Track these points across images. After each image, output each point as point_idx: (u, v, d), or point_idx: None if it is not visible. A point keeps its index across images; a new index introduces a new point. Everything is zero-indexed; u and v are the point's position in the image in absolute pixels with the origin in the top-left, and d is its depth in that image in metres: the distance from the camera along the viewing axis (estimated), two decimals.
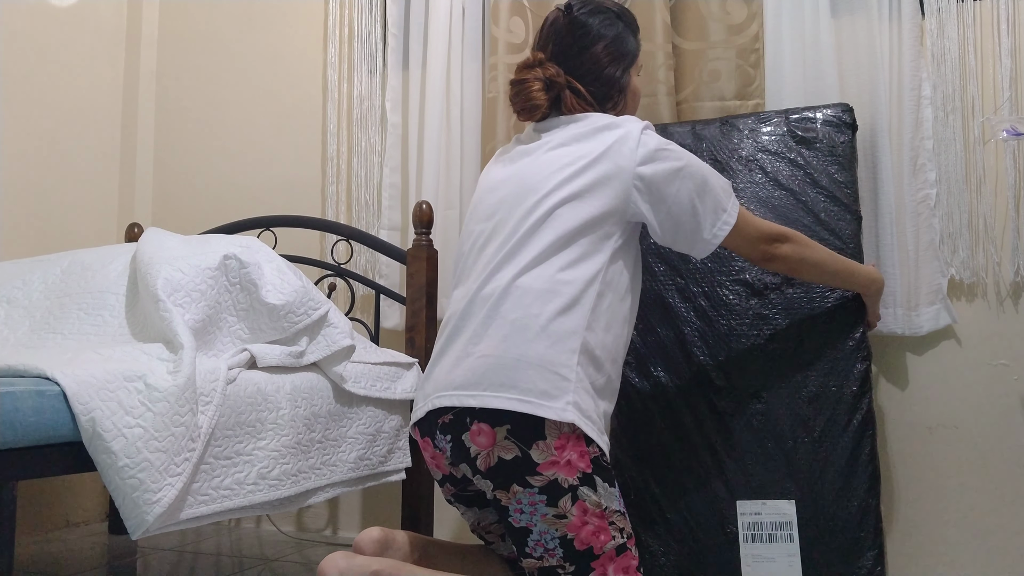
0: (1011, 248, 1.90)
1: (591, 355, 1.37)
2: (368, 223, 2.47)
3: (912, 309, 1.93)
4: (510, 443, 1.30)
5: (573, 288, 1.38)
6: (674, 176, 1.45)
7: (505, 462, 1.31)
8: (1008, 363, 1.91)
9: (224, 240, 1.86)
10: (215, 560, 2.18)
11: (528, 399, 1.30)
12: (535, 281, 1.38)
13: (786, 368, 1.74)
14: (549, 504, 1.29)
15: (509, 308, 1.37)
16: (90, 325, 1.73)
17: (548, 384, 1.31)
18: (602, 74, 1.60)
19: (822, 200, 1.83)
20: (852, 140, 1.87)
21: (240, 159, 2.75)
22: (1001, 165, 1.92)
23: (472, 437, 1.33)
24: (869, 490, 1.66)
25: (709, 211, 1.48)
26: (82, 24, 2.70)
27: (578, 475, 1.30)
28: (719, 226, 1.48)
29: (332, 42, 2.58)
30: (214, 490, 1.49)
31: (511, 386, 1.31)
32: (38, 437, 1.27)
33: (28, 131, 2.52)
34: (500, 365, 1.33)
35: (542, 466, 1.29)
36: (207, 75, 2.83)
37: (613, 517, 1.32)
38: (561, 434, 1.30)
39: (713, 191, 1.48)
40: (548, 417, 1.29)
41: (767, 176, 1.88)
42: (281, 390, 1.68)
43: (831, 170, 1.84)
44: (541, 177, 1.48)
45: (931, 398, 1.96)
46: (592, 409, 1.35)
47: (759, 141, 1.91)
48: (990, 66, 1.94)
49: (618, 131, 1.49)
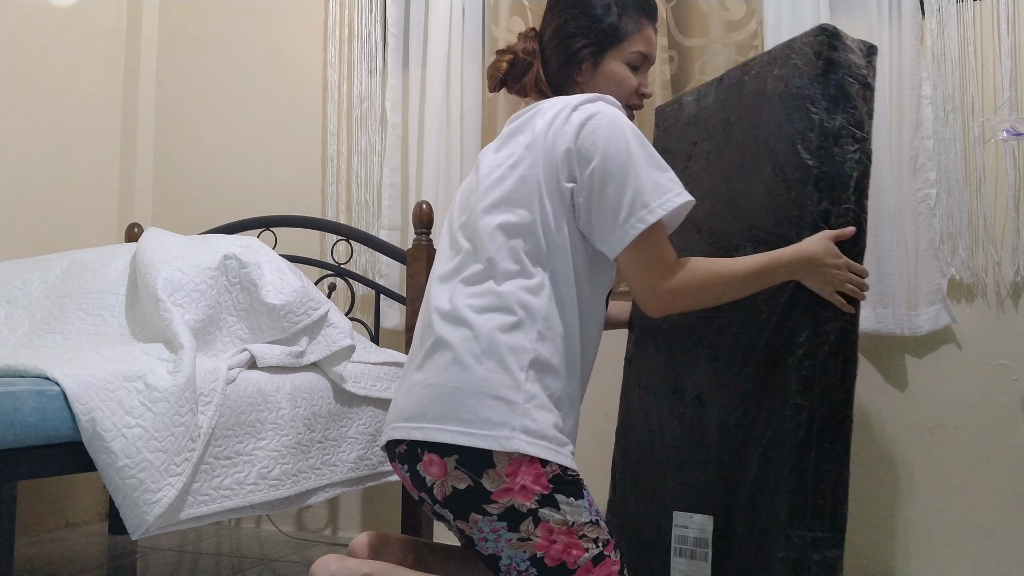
0: (1011, 248, 1.90)
1: (546, 367, 1.29)
2: (368, 223, 2.47)
3: (912, 309, 1.93)
4: (461, 472, 1.25)
5: (518, 300, 1.29)
6: (596, 154, 1.30)
7: (459, 491, 1.25)
8: (1008, 363, 1.91)
9: (224, 240, 1.86)
10: (215, 560, 2.18)
11: (470, 430, 1.23)
12: (476, 299, 1.31)
13: (723, 371, 1.53)
14: (511, 530, 1.24)
15: (450, 331, 1.30)
16: (90, 325, 1.73)
17: (491, 411, 1.24)
18: (564, 52, 1.46)
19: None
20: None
21: (240, 159, 2.75)
22: (1001, 165, 1.92)
23: (425, 467, 1.28)
24: (791, 520, 1.33)
25: (627, 202, 1.29)
26: (82, 24, 2.70)
27: (536, 498, 1.23)
28: (632, 222, 1.28)
29: (332, 42, 2.58)
30: (214, 490, 1.49)
31: (453, 417, 1.25)
32: (38, 437, 1.27)
33: (28, 131, 2.52)
34: (441, 395, 1.27)
35: (496, 494, 1.23)
36: (207, 75, 2.83)
37: (583, 530, 1.26)
38: (511, 460, 1.23)
39: (640, 180, 1.29)
40: (491, 448, 1.22)
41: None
42: (281, 390, 1.68)
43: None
44: (480, 185, 1.40)
45: (931, 398, 1.96)
46: (548, 425, 1.26)
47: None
48: (990, 66, 1.94)
49: (549, 113, 1.36)
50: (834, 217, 1.40)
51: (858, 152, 1.43)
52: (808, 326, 1.38)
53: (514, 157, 1.37)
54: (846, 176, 1.41)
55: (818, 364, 1.37)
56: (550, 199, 1.32)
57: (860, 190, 1.43)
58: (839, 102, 1.43)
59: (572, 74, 1.46)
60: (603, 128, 1.31)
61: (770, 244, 1.45)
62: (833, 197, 1.40)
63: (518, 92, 1.51)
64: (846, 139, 1.42)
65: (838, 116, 1.43)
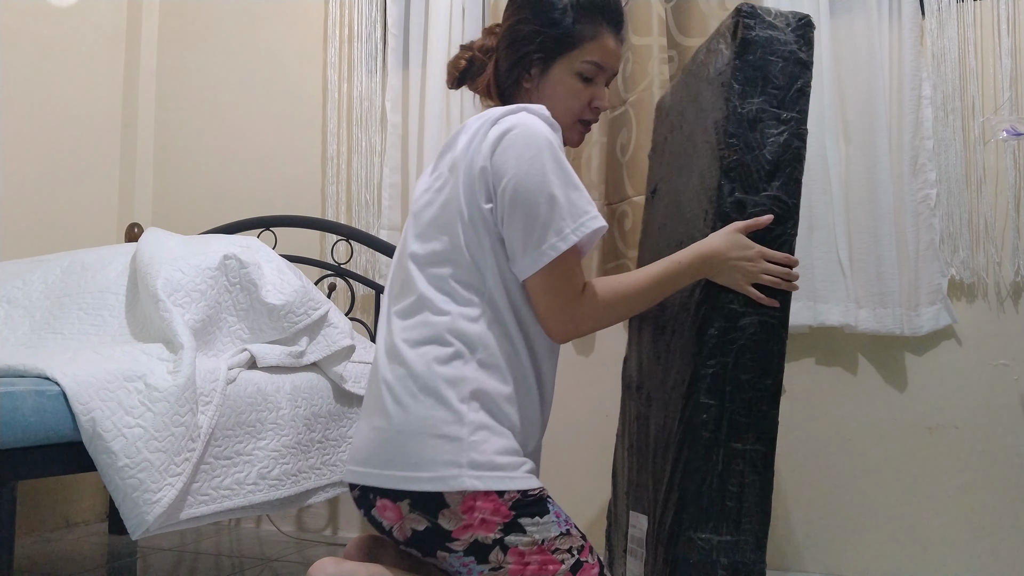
0: (1011, 248, 1.90)
1: (492, 394, 1.23)
2: (368, 223, 2.47)
3: (912, 309, 1.93)
4: (417, 515, 1.21)
5: (452, 330, 1.24)
6: (508, 172, 1.23)
7: (420, 532, 1.22)
8: (1008, 363, 1.91)
9: (224, 240, 1.86)
10: (215, 560, 2.18)
11: (416, 474, 1.19)
12: (411, 332, 1.26)
13: (662, 369, 1.48)
14: (480, 562, 1.20)
15: (388, 369, 1.26)
16: (90, 325, 1.73)
17: (434, 451, 1.19)
18: (512, 55, 1.37)
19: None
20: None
21: (240, 159, 2.75)
22: (1001, 165, 1.92)
23: (380, 512, 1.25)
24: (694, 523, 1.28)
25: (539, 225, 1.21)
26: (82, 24, 2.70)
27: (499, 528, 1.19)
28: (544, 248, 1.21)
29: (332, 42, 2.57)
30: (214, 490, 1.49)
31: (399, 462, 1.21)
32: (38, 437, 1.28)
33: (28, 131, 2.52)
34: (386, 439, 1.23)
35: (456, 532, 1.19)
36: (207, 75, 2.83)
37: (556, 544, 1.22)
38: (465, 497, 1.18)
39: (554, 202, 1.22)
40: (439, 490, 1.18)
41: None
42: (281, 390, 1.68)
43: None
44: (411, 211, 1.36)
45: (931, 398, 1.96)
46: (499, 452, 1.21)
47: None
48: (990, 66, 1.94)
49: (471, 129, 1.29)
50: (750, 207, 1.32)
51: (784, 133, 1.35)
52: (718, 320, 1.31)
53: (440, 179, 1.31)
54: (765, 162, 1.33)
55: (728, 360, 1.29)
56: (472, 222, 1.25)
57: (788, 174, 1.35)
58: (756, 84, 1.35)
59: (520, 79, 1.38)
60: (518, 143, 1.23)
61: (697, 240, 1.39)
62: (748, 186, 1.33)
63: (475, 91, 1.46)
64: (767, 122, 1.35)
65: (755, 99, 1.35)
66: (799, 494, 2.03)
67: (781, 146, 1.34)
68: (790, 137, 1.35)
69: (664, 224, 1.61)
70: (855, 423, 2.00)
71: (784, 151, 1.34)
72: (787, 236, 1.34)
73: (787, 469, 2.03)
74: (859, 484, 1.99)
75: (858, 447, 2.00)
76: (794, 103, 1.36)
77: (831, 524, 2.00)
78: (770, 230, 1.32)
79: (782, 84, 1.36)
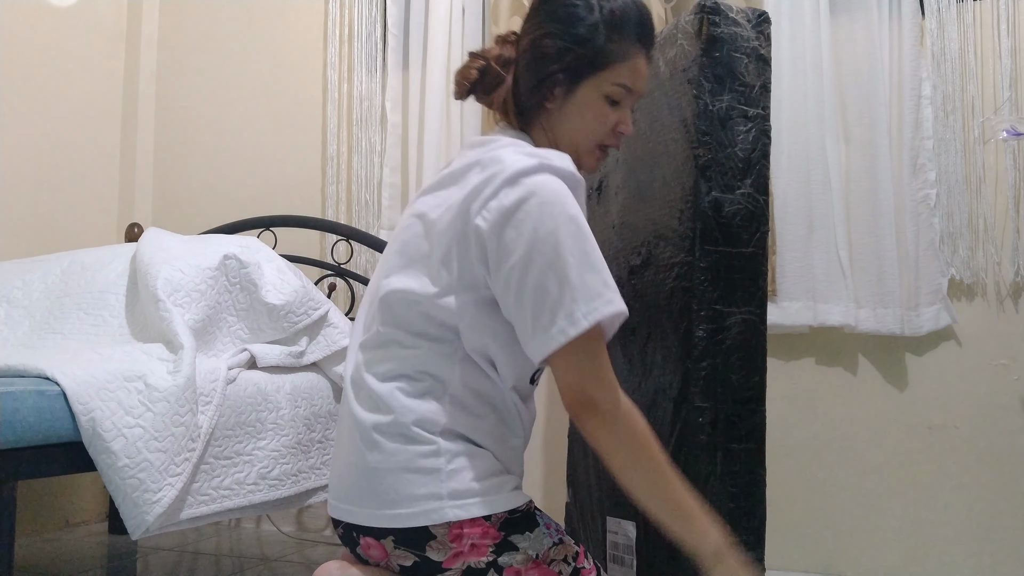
0: (1011, 248, 1.90)
1: (467, 423, 1.18)
2: (368, 223, 2.47)
3: (912, 309, 1.93)
4: (402, 551, 1.17)
5: (422, 366, 1.18)
6: (520, 248, 1.12)
7: (407, 568, 1.18)
8: (1008, 363, 1.91)
9: (224, 240, 1.86)
10: (215, 560, 2.18)
11: (396, 511, 1.14)
12: (379, 367, 1.20)
13: (639, 374, 1.46)
14: None
15: (356, 405, 1.20)
16: (90, 325, 1.73)
17: (412, 486, 1.14)
18: (536, 73, 1.25)
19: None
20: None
21: (240, 159, 2.75)
22: (1001, 165, 1.92)
23: (365, 551, 1.21)
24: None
25: (549, 306, 1.10)
26: (82, 24, 2.70)
27: (490, 550, 1.15)
28: (553, 332, 1.10)
29: (332, 42, 2.57)
30: (214, 490, 1.49)
31: (377, 499, 1.16)
32: (38, 437, 1.28)
33: (28, 131, 2.52)
34: (360, 475, 1.18)
35: (447, 562, 1.16)
36: (207, 75, 2.83)
37: (550, 555, 1.18)
38: (451, 526, 1.14)
39: (567, 283, 1.10)
40: (422, 525, 1.14)
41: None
42: (281, 390, 1.68)
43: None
44: (398, 236, 1.26)
45: (931, 398, 1.96)
46: (481, 475, 1.16)
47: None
48: (990, 66, 1.94)
49: (484, 174, 1.17)
50: (727, 205, 1.31)
51: (752, 131, 1.34)
52: (704, 321, 1.30)
53: (438, 211, 1.20)
54: (737, 160, 1.32)
55: (719, 362, 1.29)
56: (460, 278, 1.16)
57: (758, 171, 1.34)
58: (725, 81, 1.33)
59: (542, 99, 1.26)
60: (532, 217, 1.11)
61: (669, 240, 1.38)
62: (724, 185, 1.32)
63: (487, 104, 1.33)
64: (736, 119, 1.33)
65: (724, 96, 1.33)
66: (799, 494, 2.03)
67: (751, 143, 1.34)
68: (758, 134, 1.34)
69: (623, 223, 1.57)
70: (855, 423, 2.00)
71: (753, 148, 1.34)
72: (763, 233, 1.33)
73: (787, 469, 2.03)
74: (859, 484, 1.99)
75: (858, 447, 2.00)
76: (759, 99, 1.36)
77: (831, 524, 2.00)
78: (747, 229, 1.32)
79: (747, 81, 1.35)
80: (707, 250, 1.32)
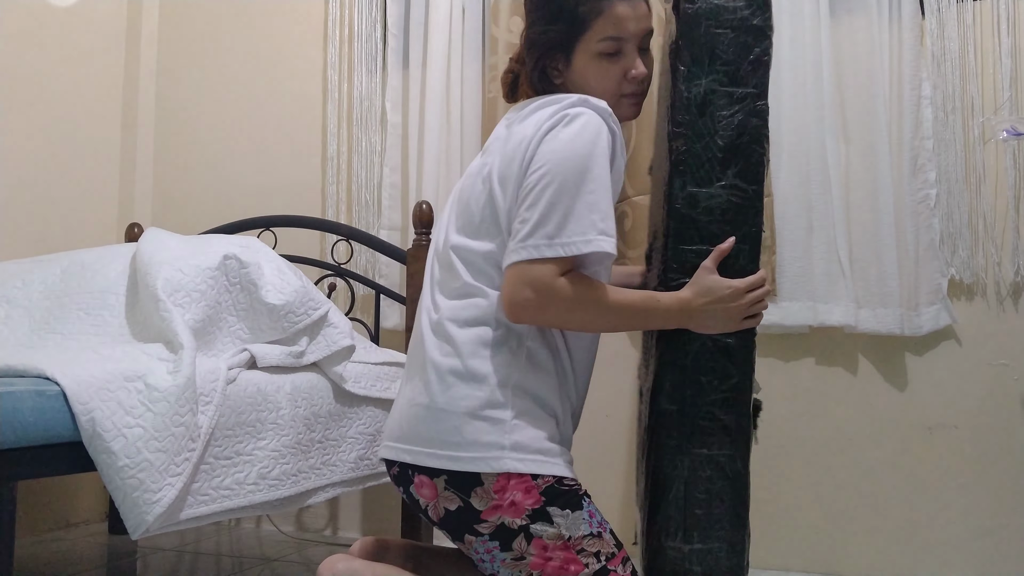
0: (1011, 248, 1.90)
1: (534, 380, 1.24)
2: (368, 223, 2.47)
3: (912, 309, 1.93)
4: (451, 493, 1.22)
5: (500, 315, 1.23)
6: (544, 163, 1.21)
7: (451, 512, 1.23)
8: (1008, 363, 1.91)
9: (224, 240, 1.86)
10: (215, 560, 2.18)
11: (458, 454, 1.20)
12: (460, 312, 1.26)
13: (650, 371, 1.41)
14: (504, 549, 1.21)
15: (434, 348, 1.26)
16: (90, 325, 1.73)
17: (477, 432, 1.20)
18: (532, 61, 1.36)
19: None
20: None
21: (240, 159, 2.75)
22: (1001, 165, 1.92)
23: (417, 489, 1.26)
24: (664, 532, 1.23)
25: (533, 221, 1.19)
26: (82, 23, 2.70)
27: (527, 513, 1.19)
28: (526, 245, 1.19)
29: (332, 42, 2.57)
30: (214, 490, 1.49)
31: (440, 440, 1.21)
32: (38, 437, 1.27)
33: (28, 131, 2.52)
34: (427, 417, 1.23)
35: (485, 512, 1.20)
36: (207, 74, 2.83)
37: (583, 544, 1.20)
38: (499, 476, 1.19)
39: (558, 206, 1.18)
40: (481, 471, 1.19)
41: None
42: (281, 390, 1.68)
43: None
44: (458, 197, 1.36)
45: (931, 398, 1.96)
46: (541, 439, 1.22)
47: None
48: (990, 66, 1.94)
49: (527, 122, 1.26)
50: (704, 200, 1.23)
51: (739, 114, 1.22)
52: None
53: (487, 168, 1.30)
54: (716, 149, 1.22)
55: (687, 363, 1.24)
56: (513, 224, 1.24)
57: (746, 158, 1.22)
58: (702, 62, 1.22)
59: (550, 77, 1.35)
60: (569, 133, 1.21)
61: (659, 237, 1.33)
62: (700, 178, 1.23)
63: (523, 99, 1.43)
64: (718, 103, 1.22)
65: (703, 80, 1.22)
66: (799, 494, 2.03)
67: (736, 128, 1.22)
68: (746, 117, 1.23)
69: (650, 209, 1.55)
70: (855, 423, 2.00)
71: (740, 134, 1.22)
72: (756, 231, 1.23)
73: (787, 469, 2.03)
74: (859, 484, 1.99)
75: (858, 447, 2.00)
76: (749, 77, 1.23)
77: (831, 524, 2.00)
78: (732, 223, 1.23)
79: (731, 58, 1.23)
80: (681, 250, 1.25)
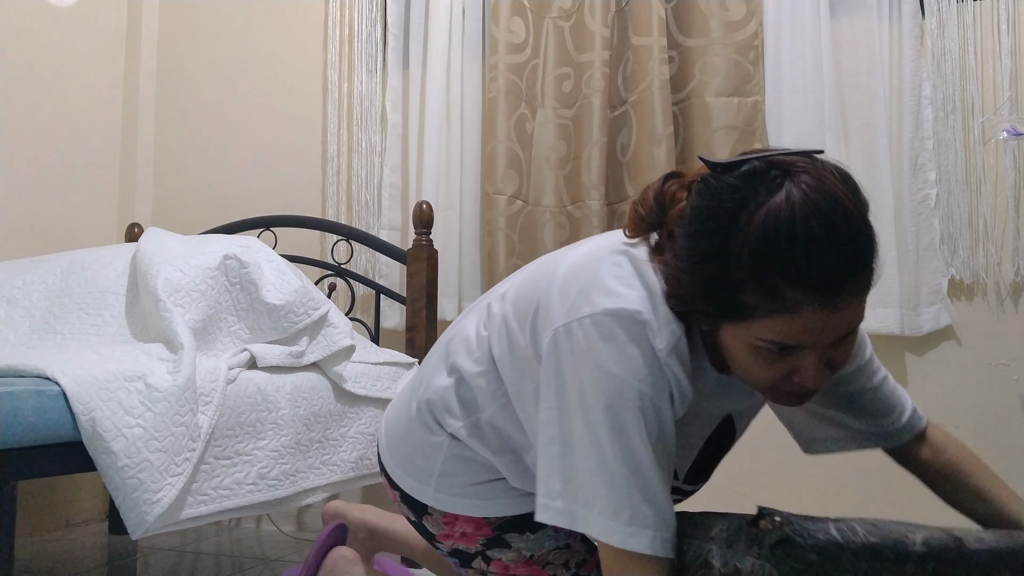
0: (1011, 248, 1.90)
1: (473, 451, 1.13)
2: (368, 223, 2.47)
3: (912, 309, 1.93)
4: (406, 508, 1.19)
5: (474, 378, 1.11)
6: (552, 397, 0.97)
7: (411, 521, 1.21)
8: (1008, 363, 1.91)
9: (224, 240, 1.86)
10: (215, 560, 2.18)
11: (406, 478, 1.15)
12: (467, 360, 1.12)
13: None
14: (464, 566, 1.17)
15: (440, 368, 1.16)
16: (90, 325, 1.73)
17: (419, 455, 1.14)
18: (675, 294, 0.95)
19: None
20: None
21: (240, 159, 2.75)
22: (1001, 165, 1.92)
23: (386, 487, 1.24)
24: None
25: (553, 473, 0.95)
26: (82, 24, 2.70)
27: (480, 542, 1.13)
28: (540, 502, 0.95)
29: (332, 42, 2.57)
30: (214, 490, 1.49)
31: (398, 455, 1.17)
32: (38, 437, 1.27)
33: (28, 131, 2.52)
34: (401, 420, 1.19)
35: (439, 537, 1.16)
36: (207, 75, 2.83)
37: (548, 558, 1.13)
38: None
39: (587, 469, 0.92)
40: (423, 502, 1.14)
41: None
42: (281, 390, 1.68)
43: None
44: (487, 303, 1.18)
45: (931, 398, 1.96)
46: (477, 479, 1.13)
47: None
48: (990, 66, 1.94)
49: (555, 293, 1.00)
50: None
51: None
52: None
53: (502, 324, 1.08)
54: None
55: None
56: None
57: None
58: None
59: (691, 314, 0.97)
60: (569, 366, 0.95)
61: None
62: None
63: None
64: None
65: None
66: (799, 494, 2.03)
67: None
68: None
69: None
70: None
71: None
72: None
73: (787, 469, 2.03)
74: (859, 484, 1.99)
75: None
76: None
77: None
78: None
79: None
80: None
